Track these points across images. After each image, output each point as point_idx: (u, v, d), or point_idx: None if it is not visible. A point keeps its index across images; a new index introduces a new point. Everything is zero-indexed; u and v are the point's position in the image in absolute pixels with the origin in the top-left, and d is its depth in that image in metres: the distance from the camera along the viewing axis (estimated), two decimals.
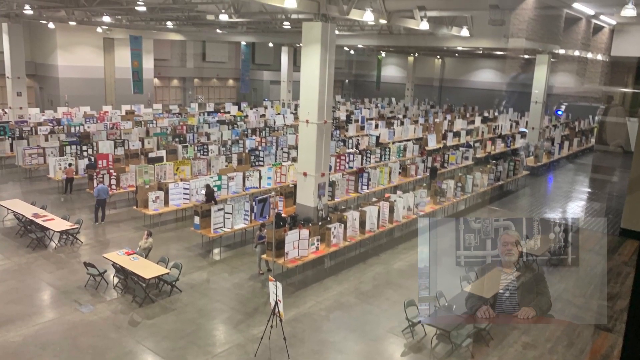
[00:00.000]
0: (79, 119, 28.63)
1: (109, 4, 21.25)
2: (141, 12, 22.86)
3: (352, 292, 12.17)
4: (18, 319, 10.16)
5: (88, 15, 26.06)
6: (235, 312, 11.03)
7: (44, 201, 16.23)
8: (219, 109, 37.57)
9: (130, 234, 15.07)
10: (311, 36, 14.93)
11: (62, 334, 9.80)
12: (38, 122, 26.99)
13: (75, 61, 34.08)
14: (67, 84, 33.82)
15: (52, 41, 33.35)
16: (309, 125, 15.32)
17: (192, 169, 19.53)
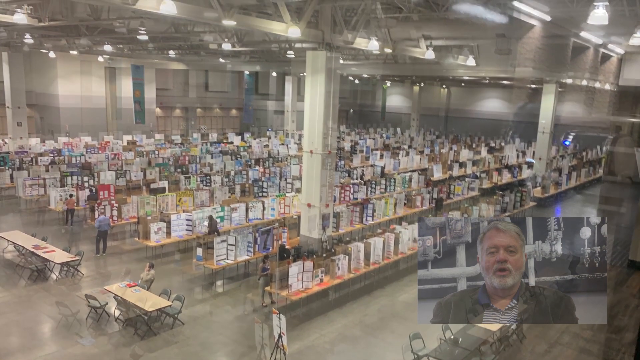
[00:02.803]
0: (80, 149, 29.28)
1: (110, 33, 22.06)
2: (143, 41, 23.70)
3: (357, 325, 12.35)
4: (18, 352, 10.38)
5: (89, 44, 26.99)
6: (238, 345, 11.22)
7: (45, 233, 16.57)
8: (221, 139, 38.27)
9: (132, 266, 15.34)
10: (315, 65, 15.50)
11: None
12: (39, 152, 27.60)
13: (76, 91, 35.01)
14: (68, 113, 34.66)
15: (52, 70, 34.36)
16: (313, 155, 15.76)
17: (195, 200, 19.93)
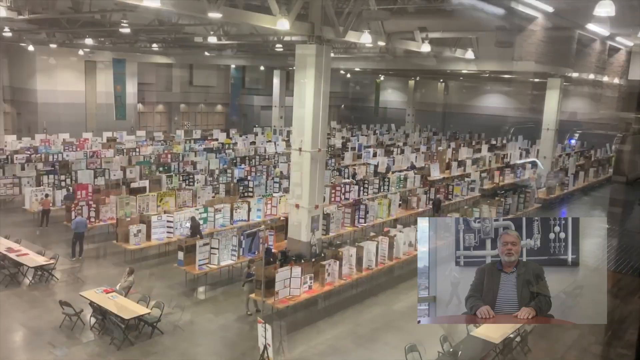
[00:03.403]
0: (57, 147, 29.01)
1: (91, 26, 21.87)
2: (125, 34, 23.52)
3: (348, 336, 12.26)
4: None
5: (69, 37, 26.75)
6: (221, 357, 11.12)
7: (19, 234, 16.36)
8: (206, 136, 38.08)
9: (110, 271, 15.18)
10: (305, 59, 15.39)
11: None
12: (15, 149, 27.33)
13: (55, 85, 34.67)
14: (46, 109, 34.31)
15: (31, 65, 34.00)
16: (302, 153, 15.66)
17: (177, 200, 19.78)
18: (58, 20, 20.85)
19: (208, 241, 14.51)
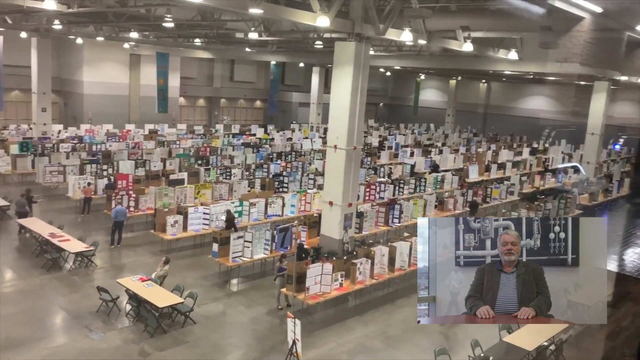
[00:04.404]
0: (101, 137, 29.92)
1: (136, 20, 22.43)
2: (169, 28, 24.01)
3: (378, 336, 12.19)
4: (29, 342, 10.64)
5: (116, 30, 27.51)
6: (251, 349, 11.23)
7: (62, 221, 16.97)
8: (244, 131, 38.53)
9: (146, 259, 15.57)
10: (343, 56, 15.35)
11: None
12: (60, 139, 28.33)
13: (100, 77, 35.78)
14: (92, 100, 35.46)
15: (79, 57, 35.19)
16: (337, 151, 15.64)
17: (214, 193, 20.09)
18: (105, 13, 21.47)
19: (242, 234, 14.69)
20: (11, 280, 13.57)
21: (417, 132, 45.23)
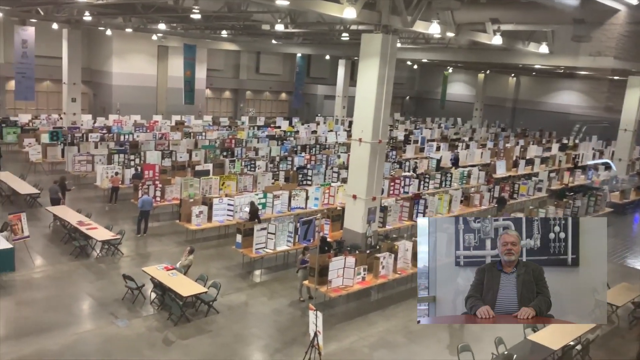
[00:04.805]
0: (129, 128, 30.40)
1: (164, 11, 22.66)
2: (196, 20, 24.18)
3: (400, 330, 12.14)
4: (57, 327, 10.92)
5: (144, 22, 27.84)
6: (273, 340, 11.30)
7: (90, 209, 17.33)
8: (269, 123, 38.67)
9: (171, 249, 15.79)
10: (370, 49, 15.22)
11: (97, 346, 10.43)
12: (89, 129, 28.88)
13: (129, 69, 36.33)
14: (120, 91, 36.04)
15: (108, 48, 35.77)
16: (362, 144, 15.56)
17: (238, 184, 20.23)
18: (133, 5, 21.73)
19: (265, 226, 14.76)
20: (41, 266, 13.93)
21: (444, 126, 44.75)
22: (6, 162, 22.97)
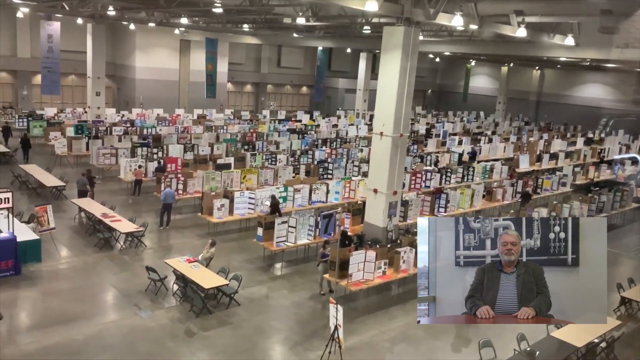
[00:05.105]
0: (152, 121, 30.72)
1: (186, 5, 22.78)
2: (218, 14, 24.25)
3: (420, 325, 12.00)
4: (81, 317, 11.11)
5: (166, 16, 28.04)
6: (293, 332, 11.34)
7: (113, 202, 17.58)
8: (290, 117, 38.69)
9: (194, 241, 15.93)
10: (392, 42, 15.10)
11: (121, 337, 10.59)
12: (113, 122, 29.28)
13: (151, 63, 36.71)
14: (143, 85, 36.46)
15: (131, 42, 36.18)
16: (383, 138, 15.46)
17: (259, 178, 20.31)
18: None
19: (286, 219, 14.78)
20: (66, 258, 14.19)
21: (466, 120, 44.23)
22: (33, 154, 23.44)
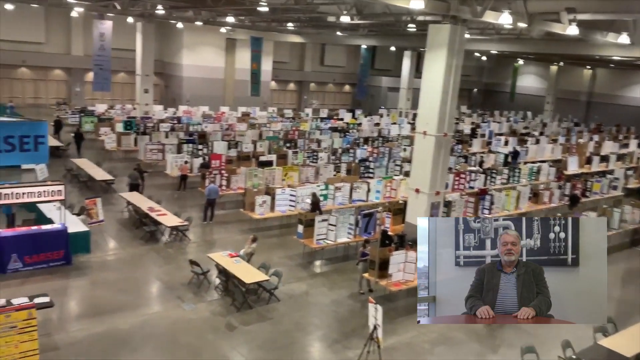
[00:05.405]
0: (197, 119, 31.37)
1: (233, 4, 23.12)
2: (263, 12, 24.50)
3: (461, 328, 11.82)
4: (127, 308, 11.47)
5: (213, 15, 28.54)
6: (332, 330, 11.35)
7: (160, 196, 18.03)
8: (332, 115, 38.71)
9: (236, 236, 16.17)
10: (437, 40, 14.89)
11: (164, 328, 10.86)
12: (161, 119, 30.05)
13: (198, 61, 37.48)
14: (190, 83, 37.27)
15: (179, 41, 37.03)
16: (426, 137, 15.26)
17: (300, 175, 20.42)
18: None
19: (327, 217, 14.81)
20: (114, 249, 14.68)
21: (513, 120, 43.12)
22: (84, 149, 24.33)
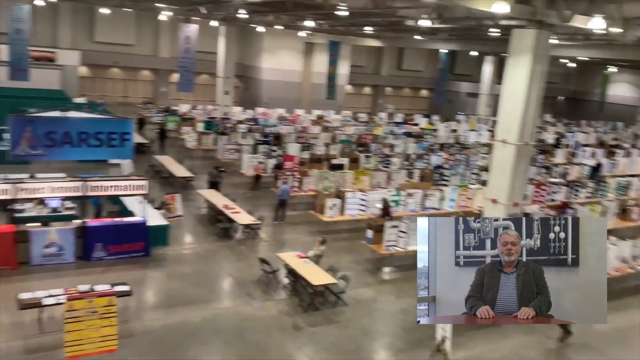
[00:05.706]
0: (273, 121, 32.04)
1: (312, 8, 23.41)
2: (342, 17, 24.61)
3: (535, 347, 11.30)
4: (199, 301, 11.90)
5: (293, 19, 29.06)
6: (398, 339, 11.18)
7: (235, 194, 18.60)
8: (407, 120, 38.21)
9: (305, 238, 16.34)
10: (521, 45, 14.32)
11: (233, 323, 11.16)
12: (239, 120, 30.99)
13: (277, 64, 38.31)
14: (269, 85, 38.17)
15: (258, 44, 38.03)
16: (506, 145, 14.68)
17: (372, 180, 20.29)
18: (284, 2, 22.75)
19: (397, 224, 14.60)
20: (190, 244, 15.29)
21: (602, 131, 40.55)
22: (167, 147, 25.56)
